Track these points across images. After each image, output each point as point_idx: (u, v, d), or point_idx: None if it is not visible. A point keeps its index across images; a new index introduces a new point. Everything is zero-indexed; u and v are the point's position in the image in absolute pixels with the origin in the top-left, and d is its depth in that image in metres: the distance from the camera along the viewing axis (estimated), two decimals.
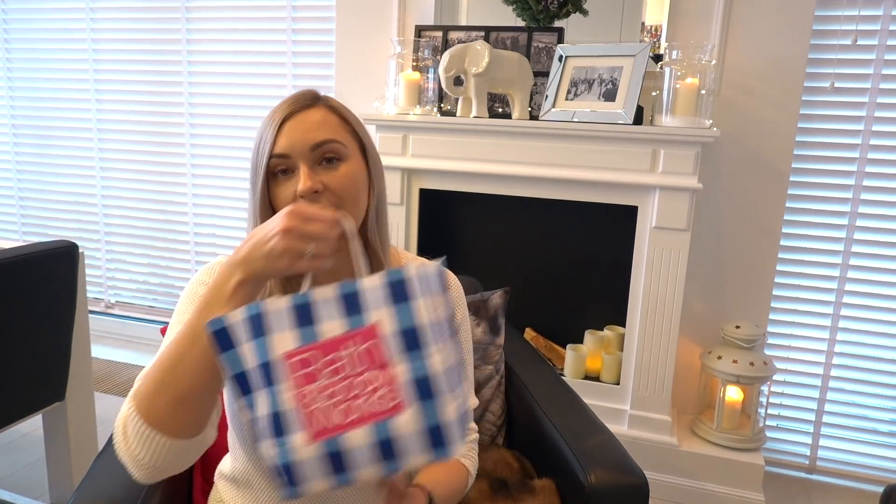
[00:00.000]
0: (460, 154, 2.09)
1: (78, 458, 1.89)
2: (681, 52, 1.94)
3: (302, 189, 0.84)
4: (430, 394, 0.61)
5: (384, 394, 0.61)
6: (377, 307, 0.63)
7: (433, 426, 0.61)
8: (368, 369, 0.62)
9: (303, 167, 0.85)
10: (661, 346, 2.01)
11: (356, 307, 0.63)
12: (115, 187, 3.20)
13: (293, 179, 0.86)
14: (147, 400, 0.75)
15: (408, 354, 0.62)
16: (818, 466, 2.30)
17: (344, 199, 0.87)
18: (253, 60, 2.85)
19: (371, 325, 0.62)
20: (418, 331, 0.62)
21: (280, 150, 0.86)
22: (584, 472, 1.05)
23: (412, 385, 0.61)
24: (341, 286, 0.64)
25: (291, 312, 0.64)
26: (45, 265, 1.66)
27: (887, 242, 2.15)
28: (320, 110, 0.89)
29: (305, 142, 0.86)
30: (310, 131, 0.87)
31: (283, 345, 0.63)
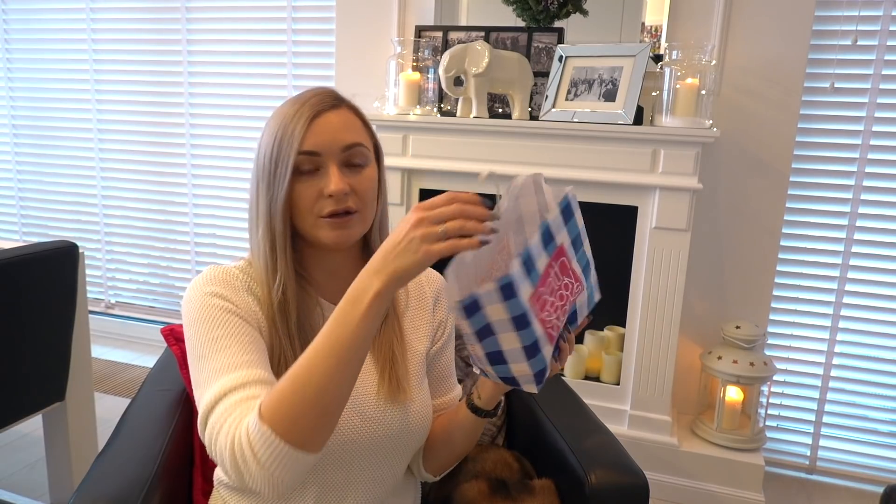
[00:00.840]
0: (460, 154, 2.09)
1: (78, 458, 1.89)
2: (681, 52, 1.94)
3: (335, 189, 0.84)
4: (588, 269, 0.86)
5: (575, 287, 0.82)
6: (559, 231, 0.78)
7: (590, 291, 0.87)
8: (564, 277, 0.79)
9: (333, 166, 0.85)
10: (661, 347, 2.01)
11: (549, 237, 0.76)
12: (115, 187, 3.20)
13: (317, 178, 0.86)
14: (290, 422, 0.72)
15: (576, 252, 0.81)
16: (818, 466, 2.30)
17: (365, 202, 0.89)
18: (253, 61, 2.85)
19: (560, 246, 0.78)
20: (581, 235, 0.83)
21: (310, 147, 0.85)
22: (584, 472, 1.05)
23: (581, 272, 0.83)
24: (539, 227, 0.75)
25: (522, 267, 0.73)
26: (45, 265, 1.66)
27: (887, 242, 2.15)
28: (346, 112, 0.89)
29: (336, 142, 0.86)
30: (340, 132, 0.86)
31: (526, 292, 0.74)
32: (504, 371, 0.79)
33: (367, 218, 0.91)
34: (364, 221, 0.90)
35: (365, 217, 0.90)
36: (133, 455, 1.04)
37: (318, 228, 0.87)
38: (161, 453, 1.06)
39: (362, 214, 0.89)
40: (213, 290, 0.88)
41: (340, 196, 0.85)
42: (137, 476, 0.99)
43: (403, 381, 0.96)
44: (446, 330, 1.07)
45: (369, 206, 0.90)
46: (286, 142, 0.85)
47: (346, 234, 0.88)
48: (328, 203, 0.86)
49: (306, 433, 0.73)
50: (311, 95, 0.89)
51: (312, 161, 0.85)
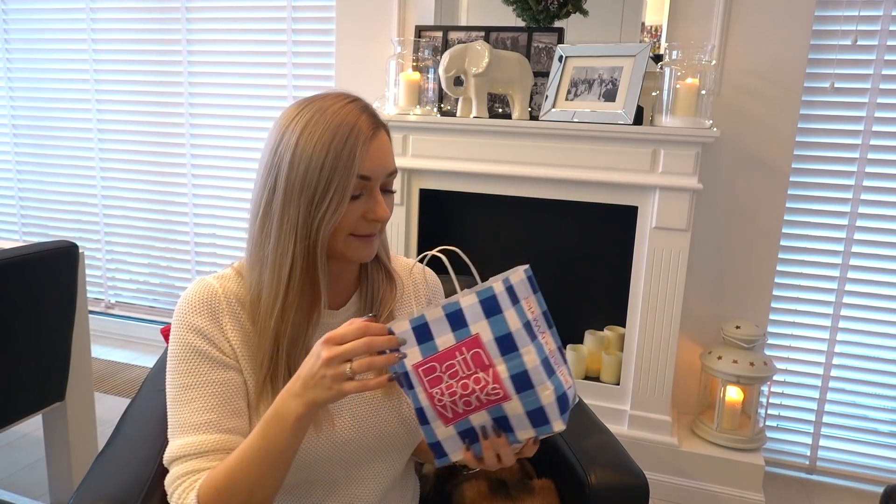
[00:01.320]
0: (460, 154, 2.09)
1: (78, 458, 1.89)
2: (681, 52, 1.94)
3: (385, 216, 0.87)
4: (528, 385, 0.75)
5: (492, 388, 0.75)
6: (476, 321, 0.75)
7: (534, 409, 0.76)
8: (477, 370, 0.75)
9: (377, 192, 0.87)
10: (661, 347, 2.01)
11: (461, 322, 0.75)
12: (115, 187, 3.20)
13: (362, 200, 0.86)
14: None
15: (504, 356, 0.75)
16: (818, 466, 2.30)
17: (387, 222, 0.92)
18: (253, 61, 2.85)
19: (474, 335, 0.75)
20: (511, 336, 0.75)
21: (366, 171, 0.85)
22: (584, 472, 1.05)
23: (511, 381, 0.75)
24: (446, 307, 0.75)
25: (412, 333, 0.76)
26: (45, 265, 1.66)
27: (887, 242, 2.15)
28: (385, 134, 0.90)
29: (386, 168, 0.88)
30: (387, 156, 0.88)
31: (412, 358, 0.76)
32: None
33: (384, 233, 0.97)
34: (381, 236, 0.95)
35: (383, 233, 0.95)
36: (133, 455, 1.04)
37: (348, 245, 0.88)
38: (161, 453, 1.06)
39: (382, 231, 0.94)
40: (194, 323, 0.88)
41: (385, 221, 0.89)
42: (137, 476, 0.99)
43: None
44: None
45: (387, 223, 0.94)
46: (345, 161, 0.82)
47: (371, 251, 0.91)
48: (368, 226, 0.88)
49: None
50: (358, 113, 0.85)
51: (363, 185, 0.85)
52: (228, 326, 0.89)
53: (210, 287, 0.90)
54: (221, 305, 0.89)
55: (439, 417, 0.78)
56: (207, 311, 0.88)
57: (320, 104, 0.86)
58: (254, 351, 0.89)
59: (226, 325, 0.89)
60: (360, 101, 0.88)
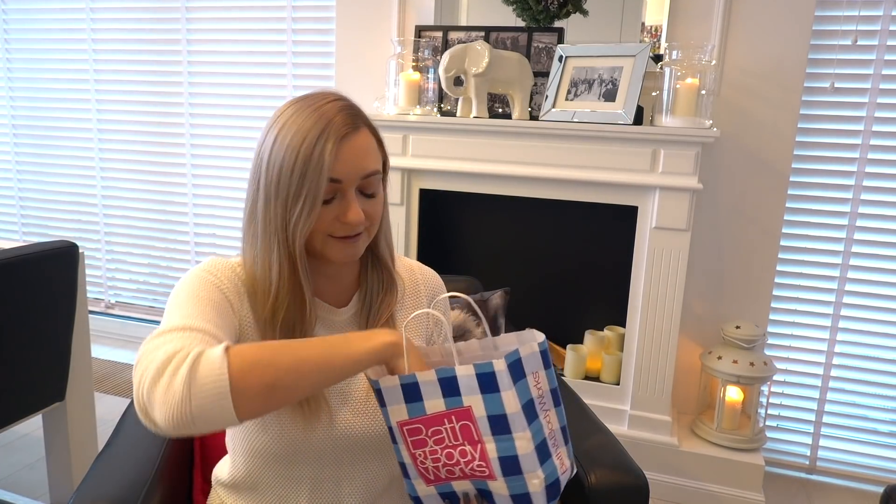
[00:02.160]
0: (460, 154, 2.09)
1: (78, 458, 1.89)
2: (681, 52, 1.94)
3: (355, 220, 0.84)
4: (516, 471, 0.71)
5: (478, 465, 0.72)
6: (470, 393, 0.71)
7: (520, 494, 0.72)
8: (465, 443, 0.72)
9: (351, 194, 0.85)
10: (661, 347, 2.01)
11: (454, 390, 0.72)
12: (115, 187, 3.20)
13: (335, 203, 0.85)
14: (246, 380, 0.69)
15: (496, 436, 0.71)
16: (818, 466, 2.30)
17: (373, 224, 0.90)
18: (253, 61, 2.85)
19: (465, 407, 0.71)
20: (506, 417, 0.70)
21: (336, 174, 0.83)
22: (584, 472, 1.05)
23: (499, 462, 0.71)
24: (439, 371, 0.72)
25: (401, 390, 0.74)
26: (45, 265, 1.65)
27: (887, 242, 2.15)
28: (366, 133, 0.87)
29: (359, 170, 0.85)
30: (361, 158, 0.85)
31: (398, 415, 0.75)
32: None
33: (373, 233, 0.92)
34: (370, 237, 0.92)
35: (371, 234, 0.92)
36: (133, 455, 1.04)
37: (326, 246, 0.87)
38: (161, 453, 1.06)
39: (368, 233, 0.91)
40: (212, 271, 0.88)
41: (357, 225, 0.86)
42: (137, 476, 0.99)
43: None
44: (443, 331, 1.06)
45: (376, 225, 0.91)
46: (314, 165, 0.81)
47: (353, 252, 0.89)
48: (342, 228, 0.86)
49: (252, 398, 0.69)
50: (333, 112, 0.84)
51: (335, 188, 0.84)
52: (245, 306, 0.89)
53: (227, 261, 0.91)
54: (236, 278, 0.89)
55: (420, 476, 0.77)
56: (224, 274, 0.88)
57: (300, 105, 0.85)
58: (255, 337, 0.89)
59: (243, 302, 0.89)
60: (341, 101, 0.86)
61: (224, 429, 0.79)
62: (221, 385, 0.68)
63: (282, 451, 0.90)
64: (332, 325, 0.96)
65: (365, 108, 0.92)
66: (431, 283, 1.07)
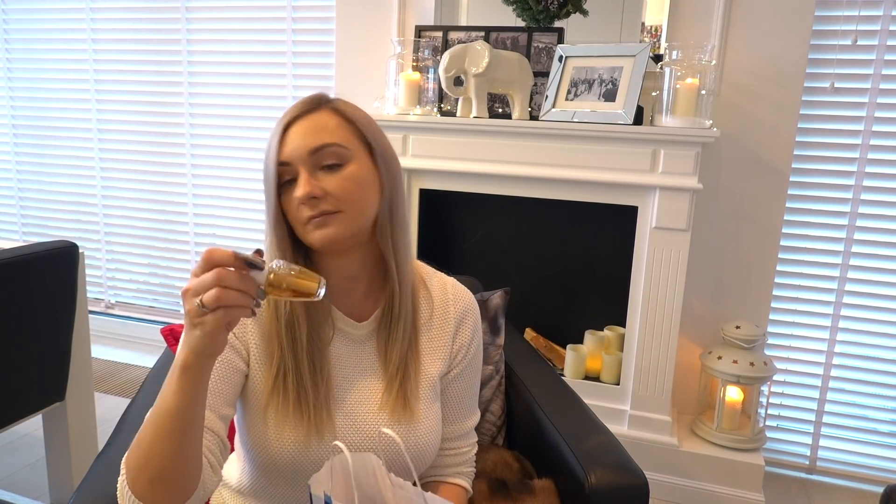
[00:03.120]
0: (460, 154, 2.09)
1: (78, 458, 1.89)
2: (681, 52, 1.94)
3: (300, 195, 0.83)
4: None
5: None
6: None
7: None
8: None
9: (302, 173, 0.84)
10: (661, 347, 2.01)
11: None
12: (115, 187, 3.20)
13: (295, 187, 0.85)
14: (131, 473, 0.75)
15: None
16: (818, 466, 2.30)
17: (346, 202, 0.85)
18: (253, 61, 2.85)
19: None
20: None
21: (282, 157, 0.85)
22: (584, 473, 1.05)
23: None
24: None
25: None
26: (45, 265, 1.65)
27: (887, 242, 2.15)
28: (324, 114, 0.87)
29: (304, 147, 0.84)
30: (308, 135, 0.85)
31: None
32: None
33: (355, 216, 0.87)
34: (351, 220, 0.86)
35: (351, 216, 0.86)
36: None
37: (306, 234, 0.87)
38: None
39: (347, 213, 0.86)
40: None
41: (307, 199, 0.83)
42: None
43: (412, 399, 0.94)
44: (467, 355, 1.03)
45: (353, 203, 0.86)
46: (269, 154, 0.86)
47: (327, 234, 0.85)
48: (304, 209, 0.85)
49: (143, 491, 0.74)
50: (297, 103, 0.89)
51: (289, 171, 0.85)
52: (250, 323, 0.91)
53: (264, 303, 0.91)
54: None
55: None
56: None
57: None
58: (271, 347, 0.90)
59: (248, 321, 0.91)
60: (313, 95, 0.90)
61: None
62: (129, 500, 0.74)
63: (285, 465, 0.90)
64: (353, 339, 0.96)
65: (365, 109, 0.92)
66: (462, 304, 1.03)
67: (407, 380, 0.94)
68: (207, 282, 0.67)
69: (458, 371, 1.02)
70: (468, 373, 1.04)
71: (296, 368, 0.88)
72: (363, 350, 0.96)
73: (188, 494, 0.77)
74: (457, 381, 1.03)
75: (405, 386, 0.94)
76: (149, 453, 0.73)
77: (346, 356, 0.95)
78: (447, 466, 1.05)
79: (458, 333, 1.02)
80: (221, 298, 0.66)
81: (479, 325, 1.05)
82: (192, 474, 0.76)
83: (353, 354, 0.96)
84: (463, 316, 1.02)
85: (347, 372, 0.95)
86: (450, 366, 1.01)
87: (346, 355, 0.95)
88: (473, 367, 1.05)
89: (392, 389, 0.93)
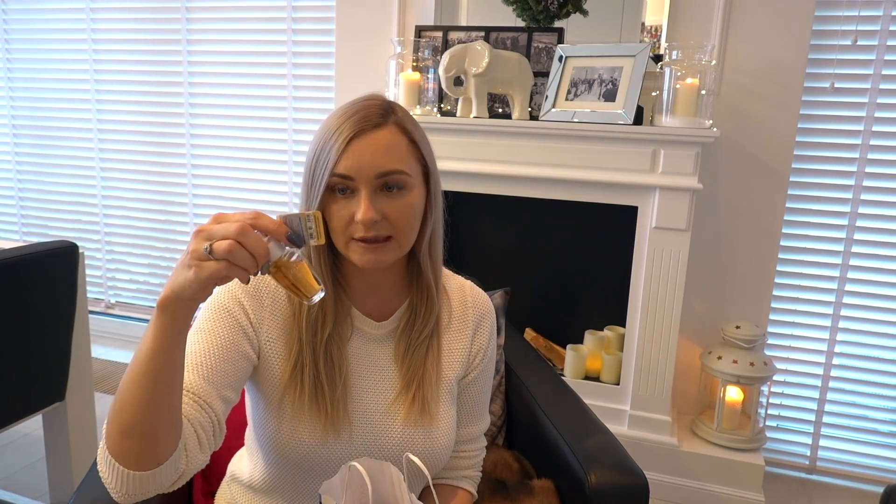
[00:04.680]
0: (460, 154, 2.09)
1: (78, 458, 1.89)
2: (681, 52, 1.94)
3: (363, 218, 0.82)
4: None
5: None
6: None
7: None
8: None
9: (364, 193, 0.82)
10: (661, 347, 2.01)
11: None
12: (115, 187, 3.20)
13: (352, 200, 0.83)
14: (108, 428, 0.73)
15: None
16: (818, 466, 2.30)
17: (399, 228, 0.85)
18: (253, 61, 2.85)
19: None
20: None
21: (344, 170, 0.82)
22: (584, 473, 1.05)
23: None
24: None
25: None
26: (45, 265, 1.65)
27: (887, 243, 2.15)
28: (391, 131, 0.84)
29: (372, 168, 0.82)
30: (378, 156, 0.82)
31: None
32: None
33: (405, 243, 0.88)
34: (400, 246, 0.88)
35: (402, 242, 0.87)
36: None
37: (349, 250, 0.86)
38: None
39: (398, 240, 0.86)
40: (236, 293, 0.90)
41: (369, 224, 0.82)
42: None
43: (432, 403, 0.94)
44: (485, 358, 1.03)
45: (407, 231, 0.87)
46: (322, 160, 0.83)
47: (376, 260, 0.86)
48: (359, 228, 0.83)
49: (114, 445, 0.71)
50: (358, 108, 0.85)
51: (345, 183, 0.83)
52: (268, 313, 0.90)
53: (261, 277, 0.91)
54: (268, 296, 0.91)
55: None
56: (253, 292, 0.90)
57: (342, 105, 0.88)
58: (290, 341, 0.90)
59: (265, 310, 0.90)
60: (376, 100, 0.87)
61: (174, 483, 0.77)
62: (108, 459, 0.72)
63: (300, 460, 0.90)
64: (371, 338, 0.96)
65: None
66: (480, 307, 1.03)
67: (427, 384, 0.94)
68: (229, 231, 0.64)
69: (475, 375, 1.02)
70: (484, 376, 1.04)
71: (313, 363, 0.89)
72: (381, 350, 0.96)
73: (162, 455, 0.72)
74: (473, 385, 1.03)
75: (424, 390, 0.94)
76: (121, 402, 0.70)
77: (363, 355, 0.95)
78: (455, 469, 1.05)
79: (476, 336, 1.02)
80: (233, 252, 0.64)
81: (494, 328, 1.05)
82: (166, 432, 0.72)
83: (371, 354, 0.96)
84: (481, 319, 1.02)
85: (364, 371, 0.95)
86: (467, 369, 1.01)
87: (363, 354, 0.95)
88: (488, 371, 1.06)
89: (409, 392, 0.93)
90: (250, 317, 0.89)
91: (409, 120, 0.88)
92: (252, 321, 0.89)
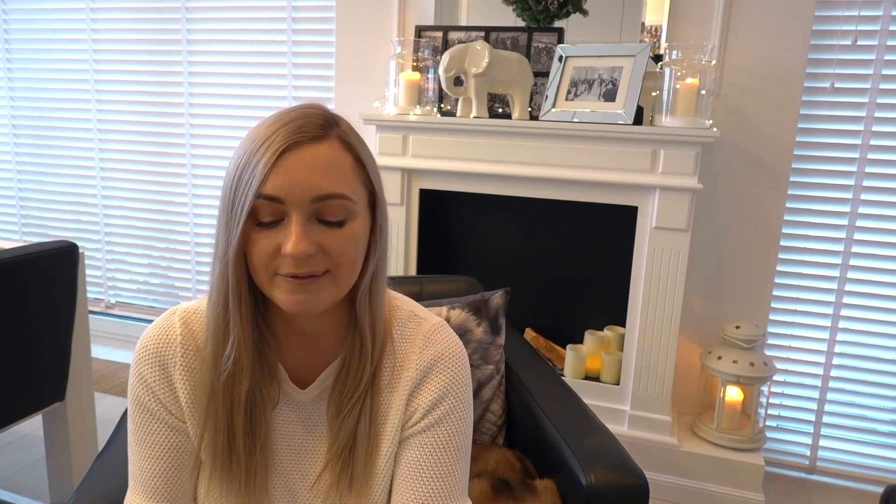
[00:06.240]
0: (460, 154, 2.09)
1: (78, 458, 1.89)
2: (681, 52, 1.94)
3: (293, 251, 0.66)
4: None
5: None
6: None
7: None
8: None
9: (296, 220, 0.67)
10: (661, 347, 2.01)
11: None
12: (115, 187, 3.20)
13: (279, 230, 0.69)
14: None
15: None
16: (818, 466, 2.30)
17: (339, 264, 0.71)
18: (253, 61, 2.85)
19: None
20: None
21: (272, 191, 0.67)
22: (584, 473, 1.05)
23: None
24: None
25: None
26: (45, 265, 1.65)
27: (887, 243, 2.15)
28: (332, 146, 0.69)
29: (308, 189, 0.67)
30: (315, 175, 0.67)
31: None
32: None
33: (343, 281, 0.72)
34: (338, 285, 0.72)
35: (339, 280, 0.72)
36: None
37: (274, 288, 0.71)
38: None
39: (335, 277, 0.71)
40: (144, 375, 0.78)
41: (301, 258, 0.67)
42: None
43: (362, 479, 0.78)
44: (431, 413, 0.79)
45: (347, 267, 0.71)
46: (246, 177, 0.68)
47: (307, 301, 0.70)
48: (286, 263, 0.68)
49: None
50: (294, 117, 0.70)
51: (273, 207, 0.67)
52: (179, 381, 0.77)
53: (170, 330, 0.78)
54: (176, 355, 0.77)
55: None
56: (158, 363, 0.77)
57: (271, 115, 0.73)
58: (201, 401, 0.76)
59: (176, 380, 0.77)
60: (314, 109, 0.72)
61: None
62: None
63: None
64: (298, 403, 0.81)
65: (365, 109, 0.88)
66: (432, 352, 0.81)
67: (356, 456, 0.77)
68: None
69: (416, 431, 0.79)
70: (433, 439, 0.78)
71: (228, 427, 0.75)
72: (312, 414, 0.81)
73: None
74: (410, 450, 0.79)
75: (353, 463, 0.77)
76: None
77: (293, 421, 0.81)
78: None
79: (422, 387, 0.80)
80: None
81: (460, 378, 0.81)
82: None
83: (301, 420, 0.81)
84: (430, 366, 0.80)
85: (293, 440, 0.81)
86: (399, 428, 0.80)
87: (293, 421, 0.81)
88: (447, 433, 0.79)
89: (337, 465, 0.78)
90: (164, 402, 0.78)
91: (355, 135, 0.73)
92: (168, 406, 0.78)
